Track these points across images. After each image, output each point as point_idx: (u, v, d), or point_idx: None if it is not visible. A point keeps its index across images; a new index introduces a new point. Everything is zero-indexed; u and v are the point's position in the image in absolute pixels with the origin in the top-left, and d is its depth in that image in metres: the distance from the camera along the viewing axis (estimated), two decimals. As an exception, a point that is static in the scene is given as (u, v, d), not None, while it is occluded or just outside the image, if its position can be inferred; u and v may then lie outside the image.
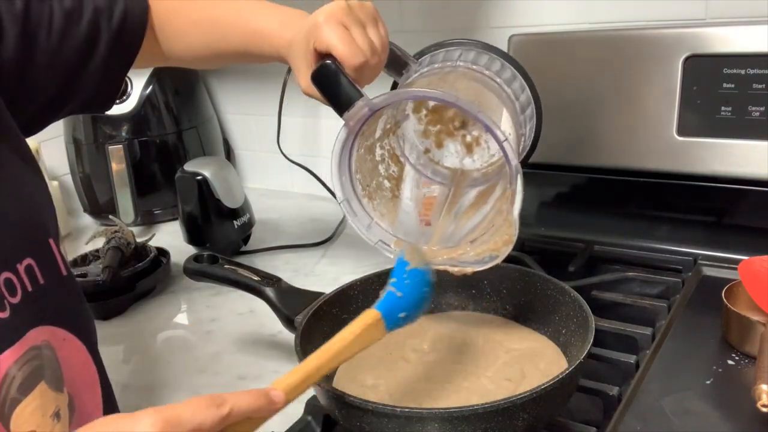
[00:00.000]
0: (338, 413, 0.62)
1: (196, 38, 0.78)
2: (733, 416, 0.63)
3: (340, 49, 0.63)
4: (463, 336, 0.77)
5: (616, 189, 0.98)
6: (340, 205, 0.69)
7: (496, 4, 1.07)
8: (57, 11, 0.68)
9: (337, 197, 0.69)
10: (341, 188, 0.68)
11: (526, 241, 1.02)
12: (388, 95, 0.64)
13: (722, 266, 0.87)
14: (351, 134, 0.66)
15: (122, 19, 0.73)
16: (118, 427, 0.42)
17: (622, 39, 0.93)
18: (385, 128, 0.75)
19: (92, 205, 1.38)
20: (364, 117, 0.64)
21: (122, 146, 1.28)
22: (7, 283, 0.55)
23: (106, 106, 0.77)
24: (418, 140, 0.78)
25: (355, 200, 0.70)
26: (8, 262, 0.56)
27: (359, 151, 0.70)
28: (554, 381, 0.58)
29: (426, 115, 0.76)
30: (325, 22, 0.64)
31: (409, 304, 0.62)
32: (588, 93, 0.96)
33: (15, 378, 0.54)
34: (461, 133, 0.77)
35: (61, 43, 0.69)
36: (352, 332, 0.57)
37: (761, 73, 0.84)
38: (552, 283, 0.75)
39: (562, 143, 0.99)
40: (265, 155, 1.44)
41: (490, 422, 0.56)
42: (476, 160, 0.78)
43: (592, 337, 0.64)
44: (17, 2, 0.65)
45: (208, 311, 1.00)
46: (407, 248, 0.66)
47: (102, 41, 0.72)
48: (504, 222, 0.65)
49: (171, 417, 0.42)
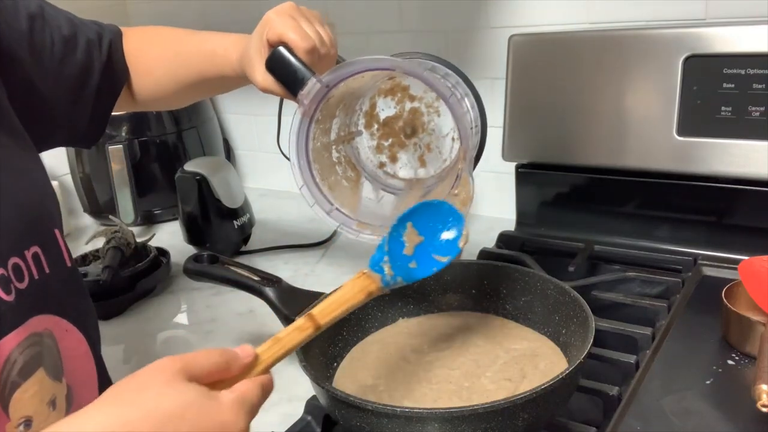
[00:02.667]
0: (338, 413, 0.62)
1: (162, 72, 0.83)
2: (733, 416, 0.64)
3: (290, 35, 0.68)
4: (463, 336, 0.77)
5: (616, 189, 0.98)
6: (300, 191, 0.70)
7: (496, 4, 1.07)
8: (57, 38, 0.73)
9: (296, 183, 0.70)
10: (300, 173, 0.70)
11: (526, 241, 1.02)
12: (338, 68, 0.67)
13: (722, 266, 0.88)
14: (306, 115, 0.69)
15: (109, 49, 0.79)
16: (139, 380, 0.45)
17: (622, 39, 0.93)
18: (339, 134, 0.76)
19: (92, 205, 1.38)
20: (318, 96, 0.67)
21: (122, 146, 1.28)
22: (15, 267, 0.56)
23: (93, 139, 0.81)
24: (372, 155, 0.79)
25: (315, 187, 0.71)
26: (17, 248, 0.57)
27: (316, 144, 0.71)
28: (554, 381, 0.58)
29: (378, 130, 0.78)
30: (276, 15, 0.70)
31: (407, 261, 0.59)
32: (588, 93, 0.96)
33: (16, 362, 0.55)
34: (413, 142, 0.78)
35: (61, 68, 0.73)
36: (347, 299, 0.57)
37: (761, 73, 0.84)
38: (552, 283, 0.75)
39: (562, 143, 1.00)
40: (265, 155, 1.44)
41: (490, 422, 0.57)
42: (429, 169, 0.79)
43: (592, 337, 0.64)
44: (23, 24, 0.69)
45: (208, 311, 1.00)
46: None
47: (95, 69, 0.77)
48: (461, 181, 0.65)
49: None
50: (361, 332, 0.79)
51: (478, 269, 0.82)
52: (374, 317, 0.80)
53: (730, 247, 0.89)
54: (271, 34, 0.69)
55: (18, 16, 0.69)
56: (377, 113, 0.77)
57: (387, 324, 0.81)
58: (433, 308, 0.82)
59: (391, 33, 1.19)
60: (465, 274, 0.82)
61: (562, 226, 1.03)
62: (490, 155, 1.12)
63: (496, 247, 1.02)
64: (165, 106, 0.94)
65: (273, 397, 0.77)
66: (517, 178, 1.06)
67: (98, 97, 0.78)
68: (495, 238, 1.04)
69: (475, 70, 1.12)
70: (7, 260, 0.56)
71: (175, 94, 0.85)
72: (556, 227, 1.03)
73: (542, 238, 1.02)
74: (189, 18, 1.45)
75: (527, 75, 1.01)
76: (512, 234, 1.05)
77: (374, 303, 0.78)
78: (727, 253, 0.89)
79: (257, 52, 0.70)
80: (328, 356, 0.74)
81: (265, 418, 0.74)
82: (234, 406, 0.46)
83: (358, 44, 1.23)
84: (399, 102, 0.77)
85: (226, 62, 0.78)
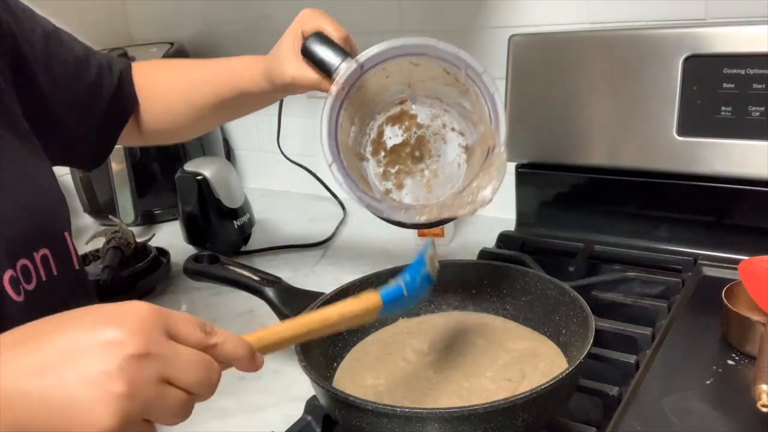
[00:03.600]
0: (338, 413, 0.62)
1: (175, 99, 0.85)
2: (733, 416, 0.64)
3: (327, 26, 0.74)
4: (463, 336, 0.77)
5: (616, 189, 0.98)
6: (329, 168, 0.71)
7: (496, 4, 1.07)
8: (70, 57, 0.76)
9: (325, 160, 0.71)
10: (330, 151, 0.71)
11: (526, 241, 1.02)
12: (376, 48, 0.72)
13: (722, 266, 0.88)
14: (339, 97, 0.72)
15: (120, 76, 0.83)
16: (108, 308, 0.42)
17: (622, 39, 0.93)
18: (353, 147, 0.77)
19: (92, 205, 1.38)
20: (353, 78, 0.71)
21: (122, 146, 1.28)
22: (23, 269, 0.57)
23: (93, 164, 0.84)
24: (378, 182, 0.80)
25: (342, 169, 0.71)
26: (25, 250, 0.58)
27: (342, 135, 0.73)
28: (554, 381, 0.58)
29: (384, 157, 0.79)
30: (311, 11, 0.76)
31: (407, 304, 0.63)
32: (588, 93, 0.96)
33: None
34: (419, 168, 0.79)
35: (72, 85, 0.76)
36: (351, 311, 0.57)
37: (761, 73, 0.84)
38: (552, 283, 0.75)
39: (562, 143, 0.99)
40: (265, 155, 1.44)
41: (490, 422, 0.57)
42: (434, 195, 0.78)
43: (592, 337, 0.64)
44: (39, 40, 0.72)
45: (208, 311, 1.00)
46: (429, 254, 0.66)
47: (105, 92, 0.80)
48: (494, 157, 0.70)
49: (163, 310, 0.42)
50: (361, 332, 0.79)
51: (478, 269, 0.82)
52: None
53: (730, 247, 0.89)
54: (308, 26, 0.74)
55: (35, 32, 0.72)
56: (384, 141, 0.78)
57: (387, 324, 0.81)
58: (433, 308, 0.82)
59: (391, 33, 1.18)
60: (465, 274, 0.82)
61: (562, 226, 1.03)
62: (490, 155, 1.12)
63: (496, 247, 1.02)
64: (173, 138, 0.95)
65: (273, 397, 0.78)
66: (517, 178, 1.06)
67: (105, 120, 0.80)
68: (495, 238, 1.04)
69: (475, 70, 1.12)
70: (16, 262, 0.56)
71: (187, 121, 0.86)
72: (556, 227, 1.03)
73: (542, 238, 1.02)
74: (189, 18, 1.45)
75: (527, 75, 1.01)
76: (512, 234, 1.05)
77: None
78: (727, 253, 0.89)
79: (289, 46, 0.75)
80: (328, 356, 0.74)
81: (265, 418, 0.74)
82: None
83: (358, 44, 1.23)
84: (406, 130, 0.78)
85: (247, 78, 0.80)
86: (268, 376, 0.81)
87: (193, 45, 1.44)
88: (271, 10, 1.31)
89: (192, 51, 1.43)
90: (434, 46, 0.72)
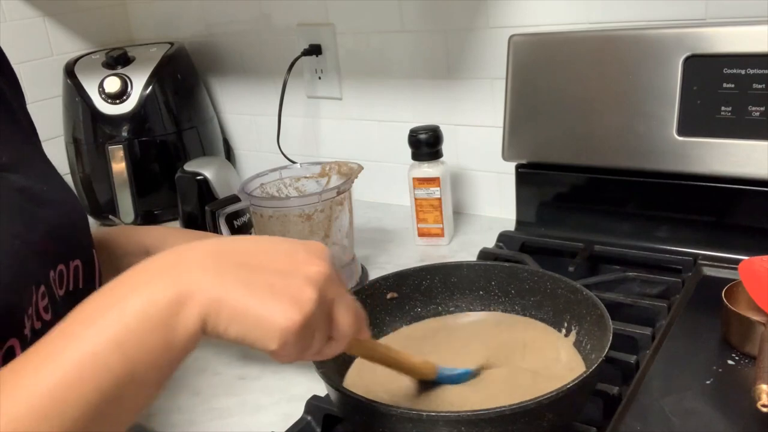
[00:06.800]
0: (358, 419, 0.61)
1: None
2: (733, 416, 0.64)
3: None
4: (472, 336, 0.76)
5: (616, 189, 0.98)
6: None
7: (496, 4, 1.07)
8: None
9: None
10: None
11: (526, 241, 1.02)
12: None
13: (722, 266, 0.88)
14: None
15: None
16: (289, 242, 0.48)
17: (622, 39, 0.93)
18: None
19: (92, 205, 1.38)
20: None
21: (122, 146, 1.28)
22: (60, 274, 0.57)
23: None
24: None
25: None
26: (65, 257, 0.59)
27: None
28: (579, 379, 0.57)
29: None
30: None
31: (453, 382, 0.69)
32: (588, 93, 0.96)
33: None
34: None
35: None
36: (412, 362, 0.65)
37: (761, 73, 0.84)
38: (563, 281, 0.74)
39: (562, 143, 1.00)
40: (265, 155, 1.44)
41: (516, 423, 0.55)
42: None
43: (611, 333, 0.63)
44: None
45: (208, 311, 0.99)
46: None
47: None
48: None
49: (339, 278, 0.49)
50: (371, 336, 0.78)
51: (485, 270, 0.81)
52: (382, 321, 0.79)
53: (730, 247, 0.89)
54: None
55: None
56: None
57: (395, 327, 0.80)
58: (441, 311, 0.81)
59: (391, 33, 1.18)
60: (472, 275, 0.81)
61: (562, 226, 1.03)
62: (491, 155, 1.12)
63: (496, 247, 1.02)
64: None
65: (273, 397, 0.78)
66: (517, 178, 1.06)
67: None
68: (495, 238, 1.04)
69: (475, 70, 1.12)
70: (57, 265, 0.57)
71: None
72: (556, 227, 1.03)
73: (542, 238, 1.02)
74: (189, 18, 1.45)
75: (527, 75, 1.01)
76: (512, 234, 1.05)
77: (382, 307, 0.78)
78: (727, 253, 0.89)
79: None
80: (338, 361, 0.72)
81: (265, 418, 0.74)
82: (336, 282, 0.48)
83: (358, 44, 1.23)
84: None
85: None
86: (268, 376, 0.81)
87: (193, 45, 1.44)
88: (271, 10, 1.32)
89: (192, 51, 1.43)
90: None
